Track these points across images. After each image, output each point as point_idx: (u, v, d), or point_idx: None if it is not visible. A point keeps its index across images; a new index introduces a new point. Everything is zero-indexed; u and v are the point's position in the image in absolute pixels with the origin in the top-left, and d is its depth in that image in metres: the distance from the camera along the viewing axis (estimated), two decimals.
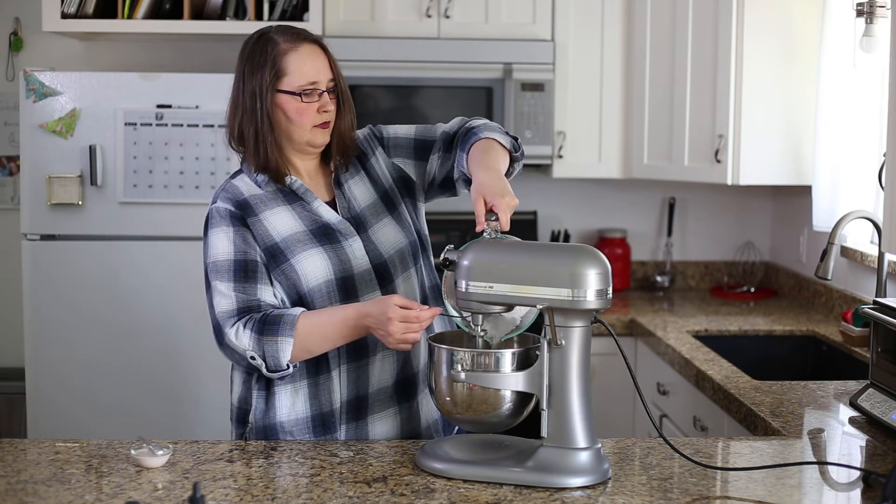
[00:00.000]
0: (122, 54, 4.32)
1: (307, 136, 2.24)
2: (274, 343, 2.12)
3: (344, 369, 2.23)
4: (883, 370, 2.42)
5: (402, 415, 2.28)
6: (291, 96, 2.21)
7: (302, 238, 2.22)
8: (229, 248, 2.20)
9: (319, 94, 2.22)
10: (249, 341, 2.14)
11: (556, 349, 1.91)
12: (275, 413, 2.23)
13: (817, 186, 3.61)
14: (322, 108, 2.23)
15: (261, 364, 2.14)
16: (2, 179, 4.36)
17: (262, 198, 2.25)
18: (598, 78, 4.14)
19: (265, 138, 2.22)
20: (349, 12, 4.03)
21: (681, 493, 1.89)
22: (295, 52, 2.22)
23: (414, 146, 2.36)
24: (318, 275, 2.20)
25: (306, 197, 2.26)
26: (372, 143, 2.36)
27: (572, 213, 4.52)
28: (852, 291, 3.64)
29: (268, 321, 2.14)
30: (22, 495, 1.86)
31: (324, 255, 2.22)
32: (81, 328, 3.69)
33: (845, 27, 3.41)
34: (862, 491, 1.95)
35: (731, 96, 3.76)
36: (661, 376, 3.44)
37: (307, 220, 2.25)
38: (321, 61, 2.24)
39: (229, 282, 2.18)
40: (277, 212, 2.24)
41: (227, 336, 2.16)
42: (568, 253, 1.92)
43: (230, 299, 2.18)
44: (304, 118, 2.22)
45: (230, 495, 1.86)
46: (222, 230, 2.21)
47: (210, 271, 2.21)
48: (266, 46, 2.22)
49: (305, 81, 2.21)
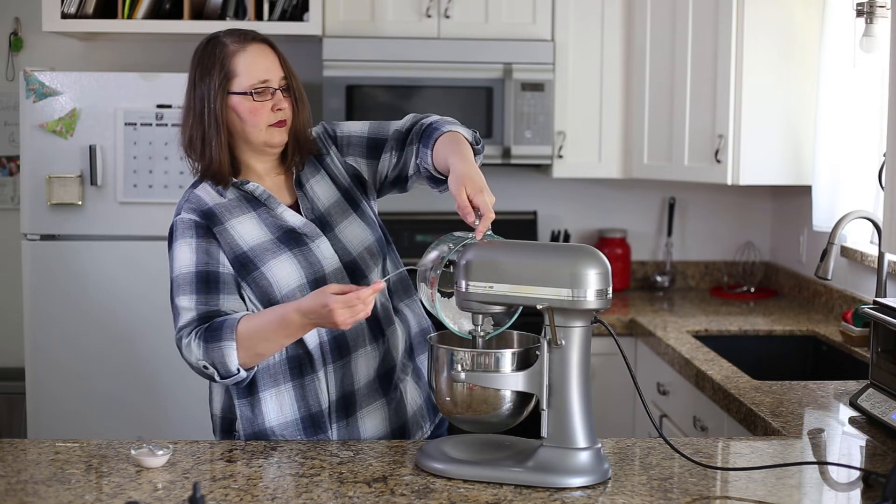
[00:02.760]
0: (122, 54, 4.32)
1: (263, 135, 2.22)
2: (219, 349, 2.09)
3: (330, 369, 2.22)
4: (883, 370, 2.42)
5: (390, 406, 2.28)
6: (243, 97, 2.19)
7: (269, 246, 2.21)
8: (191, 260, 2.19)
9: (272, 93, 2.21)
10: (199, 350, 2.12)
11: (556, 349, 1.91)
12: (263, 419, 2.22)
13: (817, 186, 3.61)
14: (276, 107, 2.21)
15: (213, 372, 2.12)
16: (2, 179, 4.36)
17: (227, 206, 2.23)
18: (598, 78, 4.14)
19: (210, 141, 2.19)
20: (349, 12, 4.03)
21: (681, 493, 1.89)
22: (243, 53, 2.20)
23: (367, 144, 2.34)
24: (289, 281, 2.19)
25: (269, 203, 2.24)
26: (326, 142, 2.35)
27: (572, 213, 4.52)
28: (852, 291, 3.64)
29: (211, 328, 2.11)
30: (22, 495, 1.86)
31: (293, 261, 2.21)
32: (81, 328, 3.69)
33: (845, 27, 3.41)
34: (862, 491, 1.95)
35: (731, 96, 3.76)
36: (661, 376, 3.44)
37: (273, 226, 2.23)
38: (271, 60, 2.23)
39: (192, 294, 2.17)
40: (243, 220, 2.22)
41: (182, 350, 2.15)
42: (568, 253, 1.92)
43: (191, 313, 2.16)
44: (258, 118, 2.20)
45: (230, 495, 1.86)
46: (185, 242, 2.20)
47: (173, 286, 2.20)
48: (215, 50, 2.21)
49: (256, 80, 2.19)
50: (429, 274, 2.03)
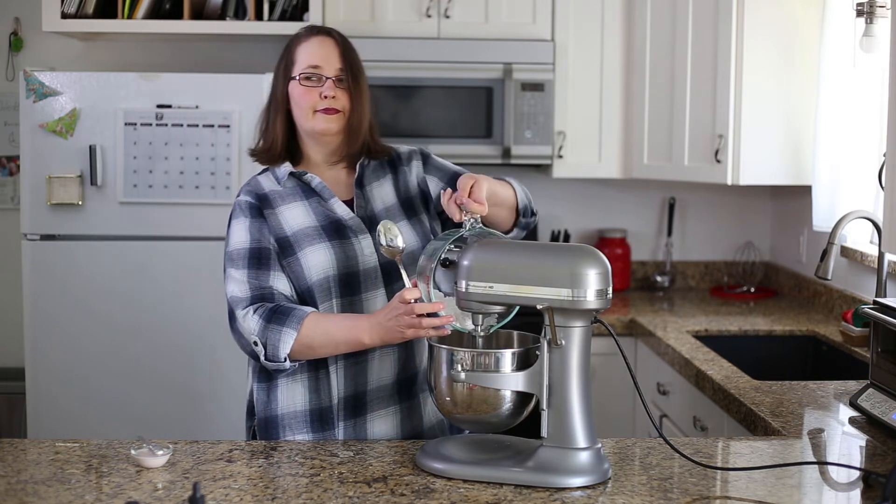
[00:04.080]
0: (122, 54, 4.32)
1: (310, 121, 2.29)
2: (278, 332, 2.15)
3: (341, 365, 2.24)
4: (883, 370, 2.42)
5: (402, 414, 2.28)
6: (294, 81, 2.30)
7: (311, 233, 2.26)
8: (245, 237, 2.26)
9: (322, 81, 2.28)
10: (256, 326, 2.17)
11: (556, 349, 1.91)
12: (276, 405, 2.26)
13: (817, 186, 3.61)
14: (323, 94, 2.28)
15: (261, 351, 2.17)
16: (2, 179, 4.36)
17: (281, 193, 2.31)
18: (598, 78, 4.14)
19: (271, 122, 2.33)
20: (349, 12, 4.04)
21: (681, 493, 1.89)
22: (306, 42, 2.32)
23: (450, 176, 2.39)
24: (320, 270, 2.23)
25: (323, 193, 2.31)
26: (412, 157, 2.41)
27: (572, 213, 4.52)
28: (852, 291, 3.64)
29: (278, 311, 2.17)
30: (22, 495, 1.86)
31: (330, 251, 2.24)
32: (81, 328, 3.69)
33: (845, 27, 3.41)
34: (862, 491, 1.95)
35: (731, 96, 3.76)
36: (661, 376, 3.44)
37: (320, 215, 2.29)
38: (329, 51, 2.31)
39: (243, 269, 2.23)
40: (292, 206, 2.29)
41: (237, 319, 2.21)
42: (568, 253, 1.92)
43: (244, 286, 2.22)
44: (304, 101, 2.28)
45: (230, 495, 1.86)
46: (241, 221, 2.28)
47: (226, 260, 2.28)
48: (290, 42, 2.35)
49: (306, 66, 2.29)
50: (426, 270, 2.04)
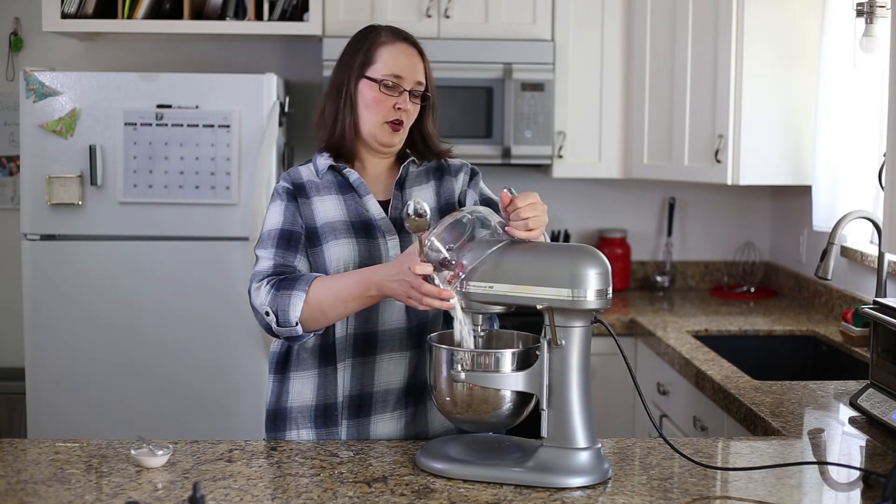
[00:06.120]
0: (122, 54, 4.32)
1: (376, 129, 2.27)
2: (287, 297, 2.15)
3: (349, 363, 2.24)
4: (883, 370, 2.42)
5: (407, 419, 2.28)
6: (372, 84, 2.26)
7: (338, 227, 2.26)
8: (279, 219, 2.28)
9: (400, 92, 2.25)
10: (267, 296, 2.18)
11: (556, 349, 1.91)
12: (286, 397, 2.28)
13: (817, 186, 3.61)
14: (398, 105, 2.25)
15: (273, 319, 2.17)
16: (2, 179, 4.36)
17: (318, 184, 2.31)
18: (598, 78, 4.14)
19: (344, 117, 2.28)
20: (349, 12, 4.03)
21: (681, 493, 1.89)
22: (391, 46, 2.28)
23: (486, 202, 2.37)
24: (340, 264, 2.23)
25: (360, 189, 2.30)
26: (461, 169, 2.40)
27: (572, 213, 4.52)
28: (852, 291, 3.64)
29: (286, 279, 2.19)
30: (22, 495, 1.86)
31: (353, 248, 2.24)
32: (81, 328, 3.69)
33: (845, 27, 3.41)
34: (862, 491, 1.95)
35: (731, 96, 3.76)
36: (661, 376, 3.44)
37: (352, 211, 2.28)
38: (414, 63, 2.28)
39: (271, 248, 2.25)
40: (326, 199, 2.29)
41: (251, 293, 2.22)
42: (568, 253, 1.92)
43: (268, 262, 2.24)
44: (378, 108, 2.26)
45: (230, 495, 1.86)
46: (277, 204, 2.30)
47: (259, 240, 2.29)
48: (368, 35, 2.31)
49: (389, 73, 2.25)
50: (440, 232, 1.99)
